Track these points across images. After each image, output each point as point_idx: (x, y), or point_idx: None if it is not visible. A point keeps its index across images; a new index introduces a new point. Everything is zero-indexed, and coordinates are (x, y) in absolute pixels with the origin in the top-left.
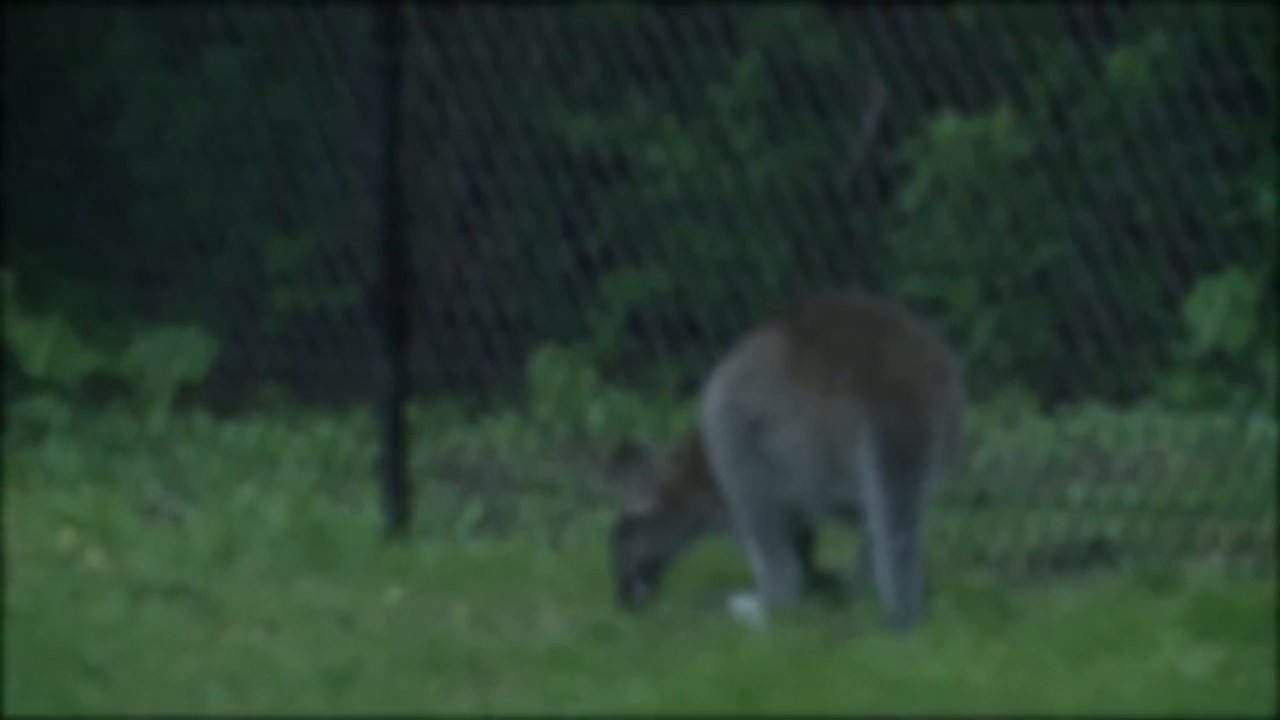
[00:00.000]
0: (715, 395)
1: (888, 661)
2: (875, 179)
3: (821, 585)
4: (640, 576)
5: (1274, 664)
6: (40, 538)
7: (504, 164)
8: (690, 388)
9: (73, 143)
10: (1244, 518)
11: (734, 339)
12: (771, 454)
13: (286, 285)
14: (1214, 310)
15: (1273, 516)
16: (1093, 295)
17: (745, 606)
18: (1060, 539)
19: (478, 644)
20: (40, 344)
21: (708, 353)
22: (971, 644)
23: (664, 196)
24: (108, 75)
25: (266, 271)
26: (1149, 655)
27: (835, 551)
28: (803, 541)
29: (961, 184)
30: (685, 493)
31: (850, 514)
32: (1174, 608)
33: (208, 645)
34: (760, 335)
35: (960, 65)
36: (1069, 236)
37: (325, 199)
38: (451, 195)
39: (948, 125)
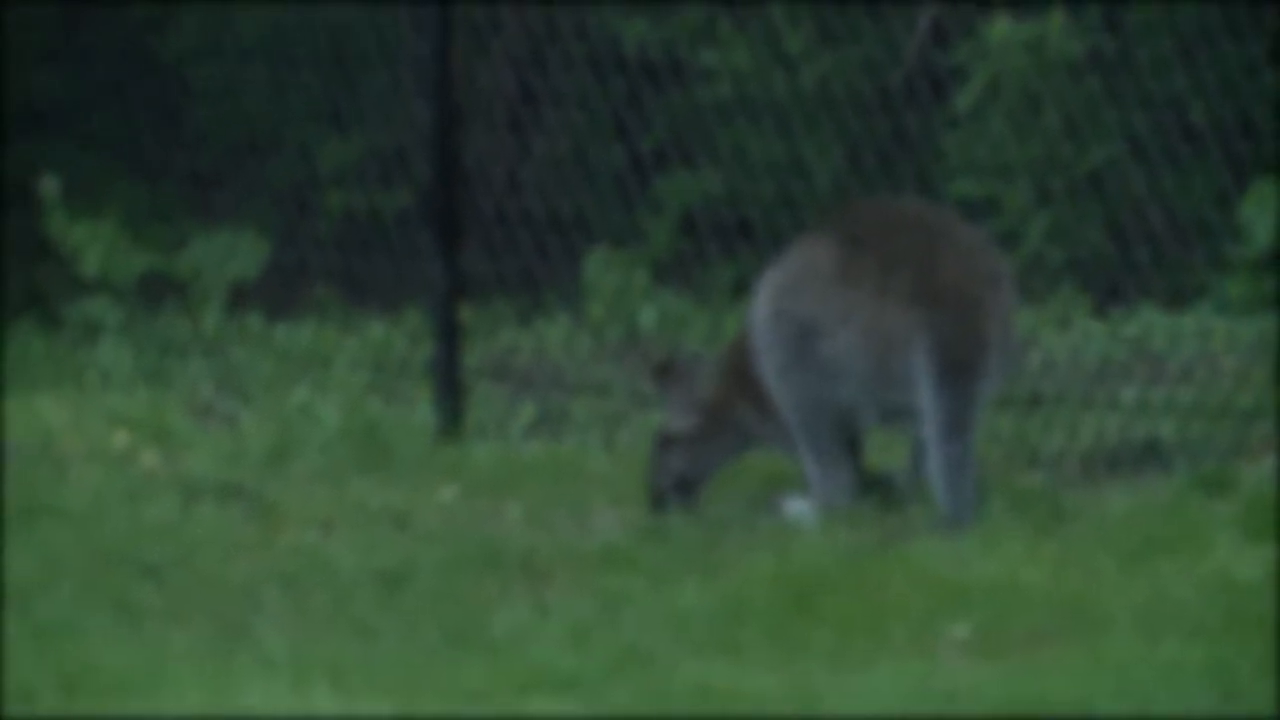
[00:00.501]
0: (764, 302)
1: (941, 563)
2: (929, 81)
3: (874, 488)
4: (675, 491)
5: None
6: (95, 439)
7: (557, 65)
8: (743, 290)
9: (130, 46)
10: None
11: (786, 242)
12: (823, 359)
13: (340, 186)
14: (1268, 211)
15: None
16: (1146, 197)
17: (797, 508)
18: (1114, 441)
19: (532, 544)
20: (95, 245)
21: (760, 255)
22: (1025, 546)
23: (718, 98)
24: None
25: (320, 173)
26: (1202, 557)
27: (887, 455)
28: (851, 446)
29: (1015, 86)
30: (728, 408)
31: (901, 417)
32: (1227, 510)
33: (263, 546)
34: (809, 241)
35: None
36: (1122, 138)
37: (378, 100)
38: (504, 95)
39: (1001, 27)
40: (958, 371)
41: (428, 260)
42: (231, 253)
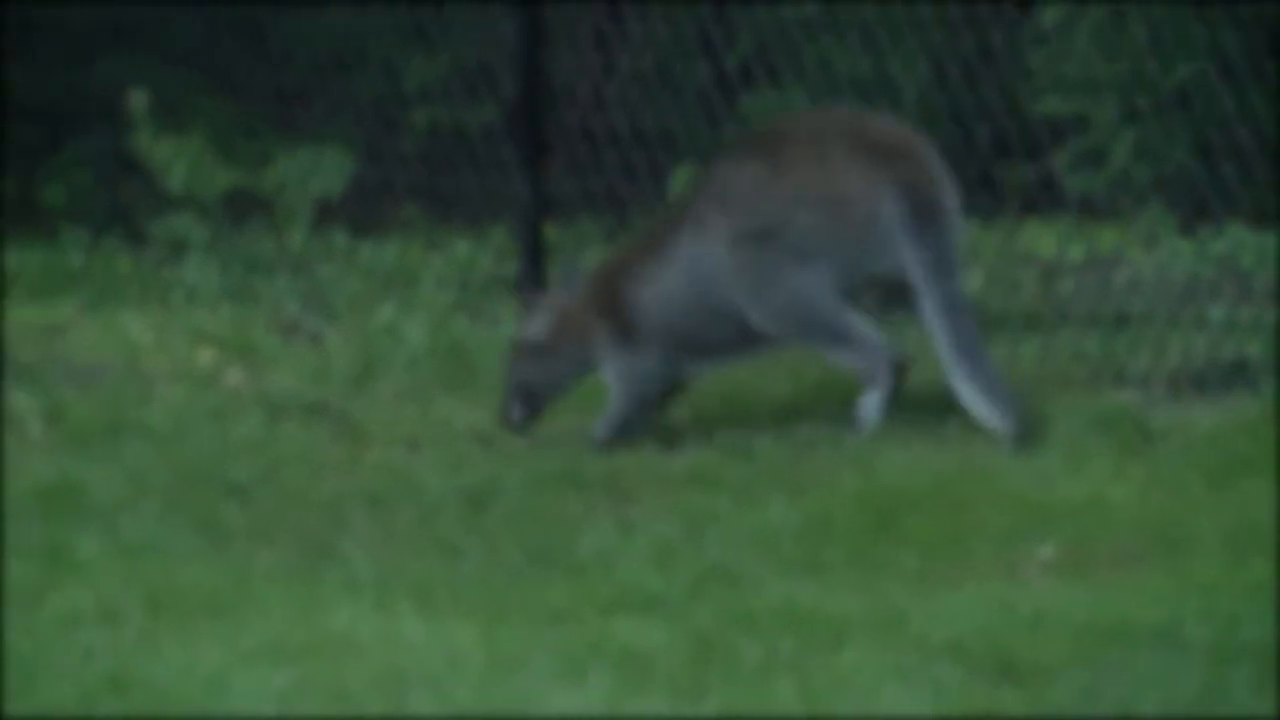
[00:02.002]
0: (714, 239)
1: (1026, 483)
2: None
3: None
4: (519, 398)
5: None
6: (181, 356)
7: None
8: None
9: None
10: None
11: None
12: (793, 254)
13: (425, 103)
14: None
15: None
16: (1234, 114)
17: (868, 410)
18: (1201, 360)
19: (616, 463)
20: (180, 162)
21: None
22: (1111, 465)
23: (803, 14)
24: None
25: (405, 89)
26: None
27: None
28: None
29: (1101, 1)
30: (582, 325)
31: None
32: None
33: (348, 465)
34: (713, 173)
35: None
36: (1210, 54)
37: (463, 16)
38: (590, 11)
39: None
40: (930, 211)
41: (513, 177)
42: (317, 169)
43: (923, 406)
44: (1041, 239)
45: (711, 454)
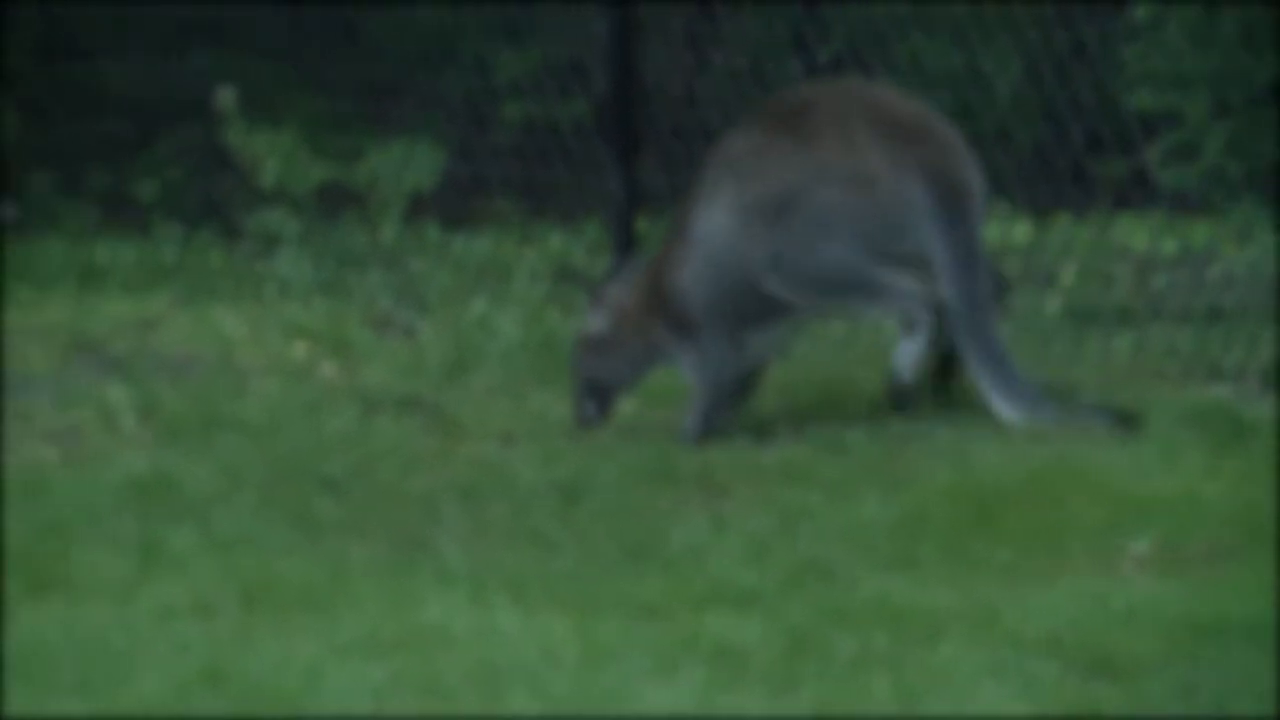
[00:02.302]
0: (722, 212)
1: (1121, 477)
2: None
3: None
4: (588, 394)
5: None
6: (274, 349)
7: None
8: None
9: None
10: None
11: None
12: (814, 226)
13: (516, 97)
14: None
15: None
16: None
17: (904, 358)
18: None
19: (709, 457)
20: (273, 156)
21: None
22: (1205, 460)
23: (895, 9)
24: None
25: (496, 84)
26: None
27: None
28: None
29: None
30: (640, 321)
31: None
32: None
33: (442, 458)
34: (733, 141)
35: None
36: None
37: (555, 10)
38: (682, 7)
39: None
40: (957, 196)
41: (606, 172)
42: (409, 163)
43: None
44: (1135, 234)
45: (804, 448)
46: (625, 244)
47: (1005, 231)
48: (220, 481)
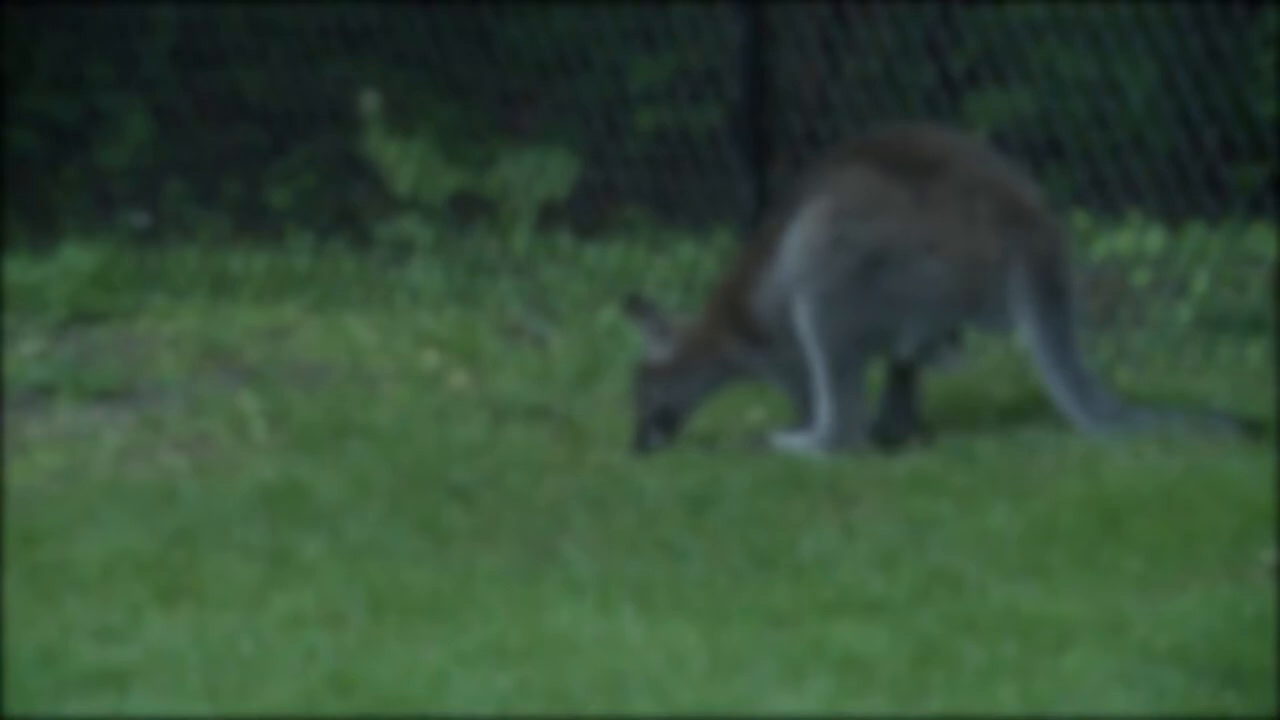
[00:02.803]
0: (819, 230)
1: (1251, 486)
2: None
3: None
4: (656, 422)
5: None
6: (405, 357)
7: None
8: (1054, 208)
9: None
10: None
11: (1097, 161)
12: (890, 288)
13: (649, 105)
14: None
15: None
16: None
17: (792, 443)
18: None
19: (839, 466)
20: (406, 164)
21: (1071, 174)
22: None
23: (1030, 16)
24: None
25: (629, 91)
26: None
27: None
28: (902, 381)
29: None
30: (713, 340)
31: (950, 343)
32: None
33: (571, 467)
34: (853, 170)
35: None
36: None
37: (688, 18)
38: (815, 14)
39: None
40: (1057, 291)
41: (738, 180)
42: (541, 171)
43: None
44: (1268, 241)
45: (933, 458)
46: None
47: (1138, 239)
48: (349, 490)
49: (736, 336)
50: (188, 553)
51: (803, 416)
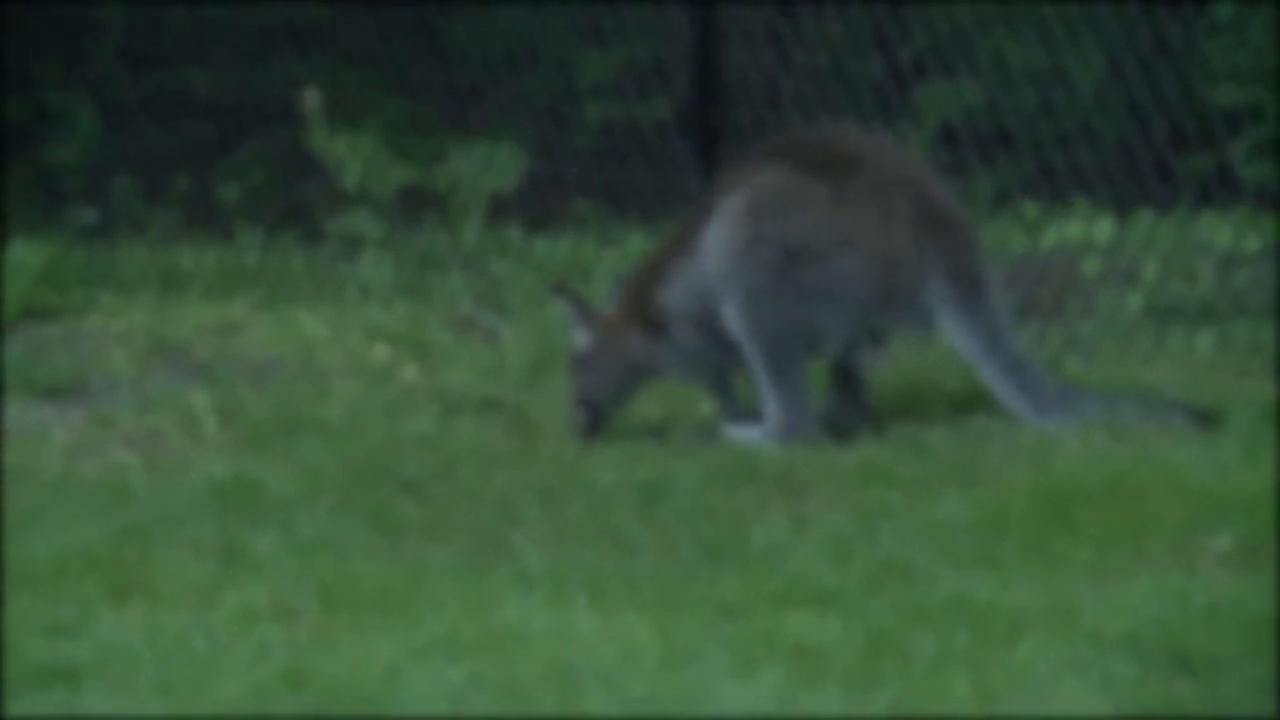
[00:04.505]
0: (735, 228)
1: (1201, 474)
2: None
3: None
4: (583, 410)
5: None
6: (356, 352)
7: None
8: (1003, 201)
9: None
10: None
11: (1046, 152)
12: (810, 284)
13: (598, 99)
14: None
15: None
16: None
17: (744, 434)
18: None
19: (790, 458)
20: (355, 159)
21: (1020, 166)
22: None
23: (977, 8)
24: None
25: (578, 86)
26: None
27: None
28: (846, 376)
29: None
30: (619, 335)
31: (875, 342)
32: None
33: (522, 460)
34: (770, 168)
35: None
36: None
37: (637, 12)
38: (763, 7)
39: None
40: (975, 287)
41: (686, 173)
42: (490, 165)
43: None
44: (1218, 230)
45: (884, 448)
46: None
47: (1087, 228)
48: (300, 484)
49: (639, 327)
50: (139, 549)
51: (724, 408)
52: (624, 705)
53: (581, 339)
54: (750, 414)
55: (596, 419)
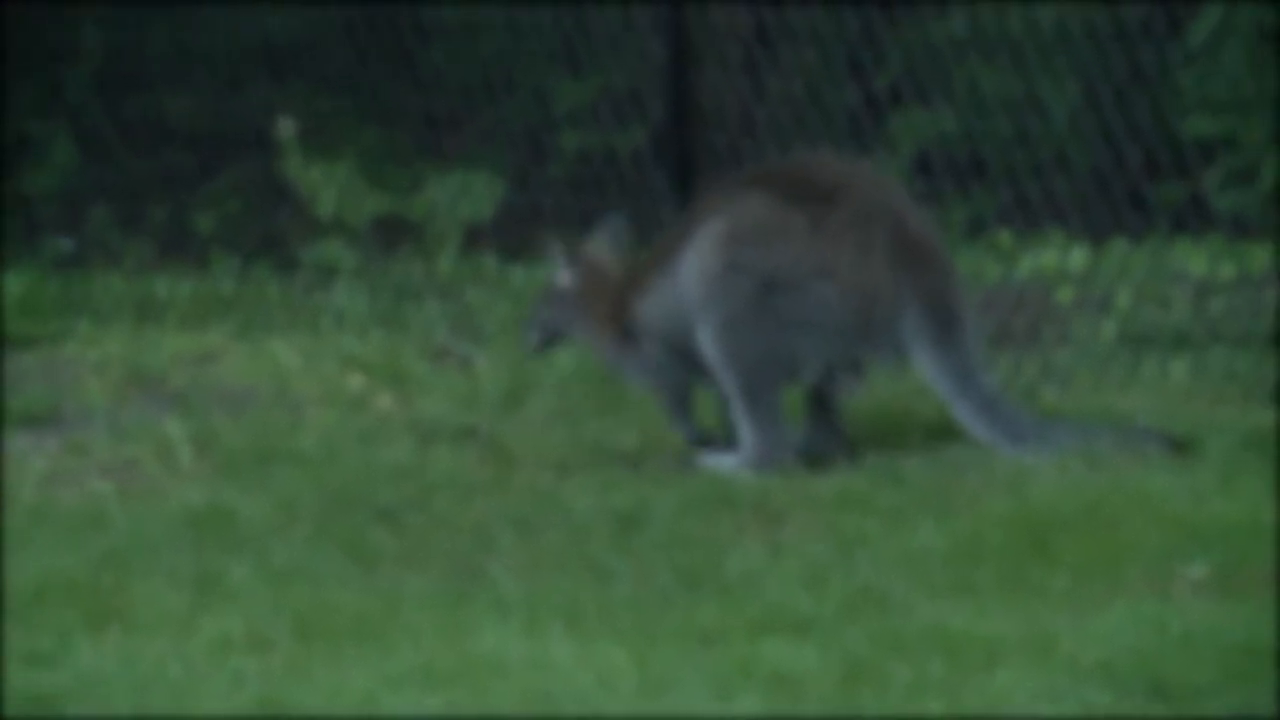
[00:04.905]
0: (712, 254)
1: (1177, 502)
2: (1165, 15)
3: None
4: (538, 333)
5: None
6: (331, 381)
7: (791, 1)
8: (978, 229)
9: None
10: None
11: (1021, 180)
12: (787, 313)
13: (574, 127)
14: None
15: None
16: None
17: (720, 462)
18: None
19: (766, 486)
20: (330, 187)
21: (995, 193)
22: (1263, 484)
23: (953, 35)
24: None
25: (554, 114)
26: None
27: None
28: (821, 403)
29: (1251, 20)
30: (596, 318)
31: (852, 371)
32: None
33: (498, 488)
34: (751, 196)
35: None
36: None
37: (612, 40)
38: (738, 34)
39: None
40: (951, 324)
41: (662, 200)
42: (466, 194)
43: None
44: (1192, 258)
45: (860, 477)
46: None
47: (1062, 257)
48: (276, 513)
49: (612, 329)
50: (115, 578)
51: (679, 427)
52: None
53: (564, 279)
54: (709, 435)
55: (548, 344)
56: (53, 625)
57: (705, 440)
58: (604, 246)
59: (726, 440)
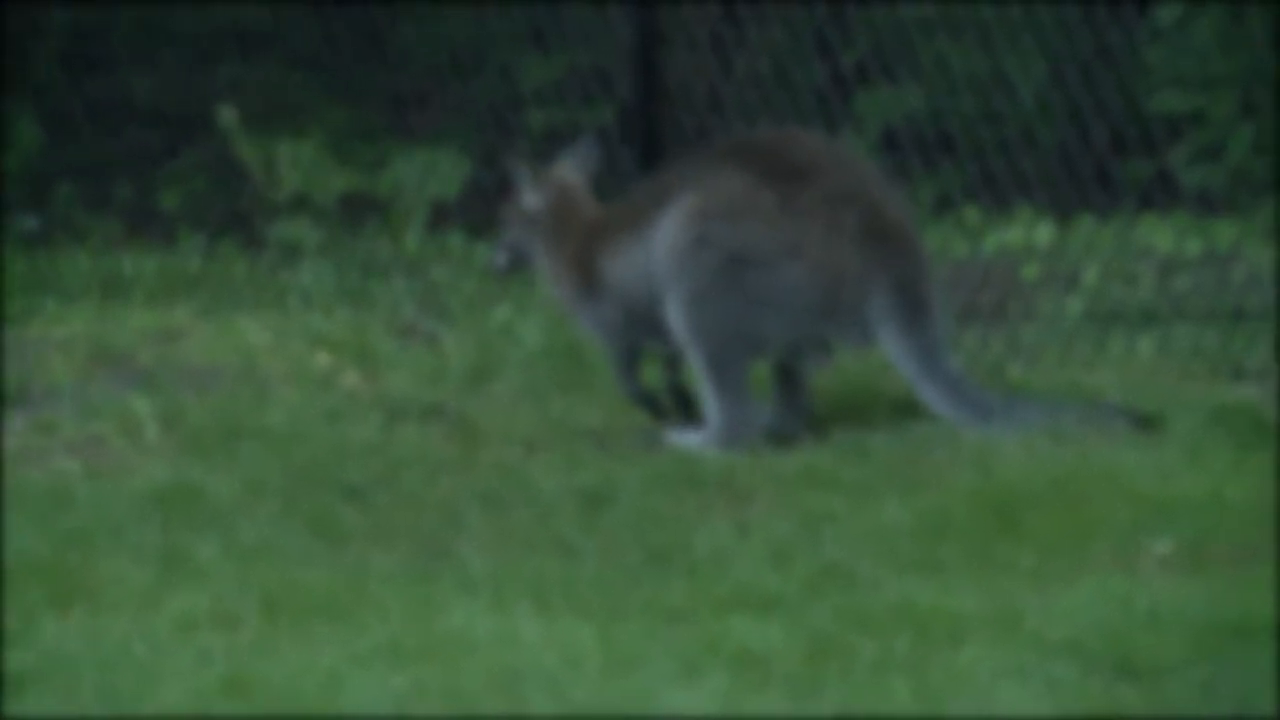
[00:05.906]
0: (682, 228)
1: (1144, 478)
2: None
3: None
4: (508, 255)
5: None
6: (297, 359)
7: None
8: (945, 206)
9: None
10: None
11: (988, 157)
12: (754, 290)
13: (541, 105)
14: None
15: None
16: None
17: (686, 440)
18: None
19: (732, 463)
20: (295, 166)
21: (963, 171)
22: (1229, 461)
23: (920, 13)
24: None
25: (521, 92)
26: None
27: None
28: (789, 381)
29: None
30: (561, 260)
31: (820, 350)
32: None
33: (464, 466)
34: (724, 171)
35: None
36: None
37: (579, 18)
38: (706, 12)
39: None
40: (919, 308)
41: (629, 178)
42: (432, 172)
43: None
44: (1159, 234)
45: (827, 454)
46: None
47: (1028, 233)
48: (242, 491)
49: (575, 275)
50: (81, 555)
51: (623, 386)
52: (568, 710)
53: (529, 199)
54: (651, 395)
55: (515, 265)
56: (17, 604)
57: (647, 400)
58: (574, 169)
59: (670, 404)
